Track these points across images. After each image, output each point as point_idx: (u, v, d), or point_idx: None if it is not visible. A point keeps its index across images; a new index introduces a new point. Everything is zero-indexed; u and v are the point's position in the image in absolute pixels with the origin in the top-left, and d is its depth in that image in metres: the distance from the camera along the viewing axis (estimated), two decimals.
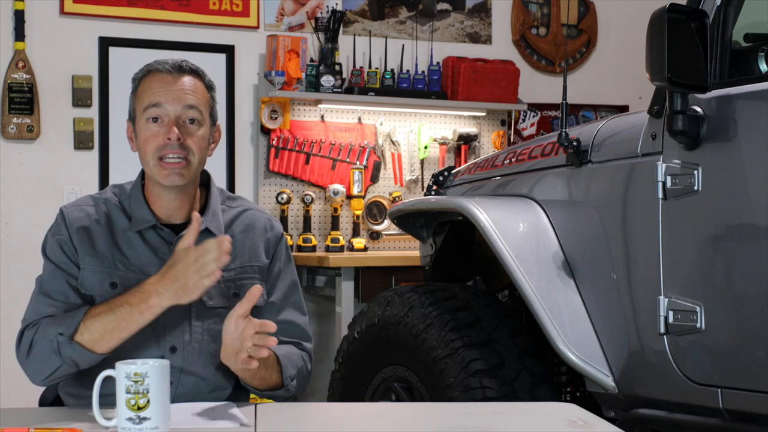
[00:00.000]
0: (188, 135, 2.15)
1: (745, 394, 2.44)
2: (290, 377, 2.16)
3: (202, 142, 2.18)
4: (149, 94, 2.16)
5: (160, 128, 2.15)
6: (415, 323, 3.06)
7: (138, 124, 2.18)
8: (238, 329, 1.99)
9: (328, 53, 5.15)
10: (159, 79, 2.17)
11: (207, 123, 2.20)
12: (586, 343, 2.79)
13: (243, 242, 2.24)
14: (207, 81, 2.23)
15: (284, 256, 2.31)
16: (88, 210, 2.21)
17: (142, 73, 2.21)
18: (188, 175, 2.16)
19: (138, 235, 2.18)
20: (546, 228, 2.98)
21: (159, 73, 2.18)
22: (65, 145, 4.84)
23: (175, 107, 2.15)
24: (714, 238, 2.55)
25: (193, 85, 2.18)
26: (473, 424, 1.96)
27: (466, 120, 5.58)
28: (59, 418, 1.94)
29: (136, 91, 2.21)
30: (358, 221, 5.28)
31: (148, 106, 2.15)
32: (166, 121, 2.15)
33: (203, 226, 2.18)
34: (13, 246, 4.64)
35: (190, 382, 2.16)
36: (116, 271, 2.15)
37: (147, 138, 2.16)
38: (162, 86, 2.16)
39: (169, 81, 2.16)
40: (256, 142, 5.20)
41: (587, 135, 2.95)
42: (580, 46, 5.94)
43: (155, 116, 2.15)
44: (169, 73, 2.17)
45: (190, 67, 2.21)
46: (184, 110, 2.15)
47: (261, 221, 2.29)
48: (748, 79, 2.58)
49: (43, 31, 4.79)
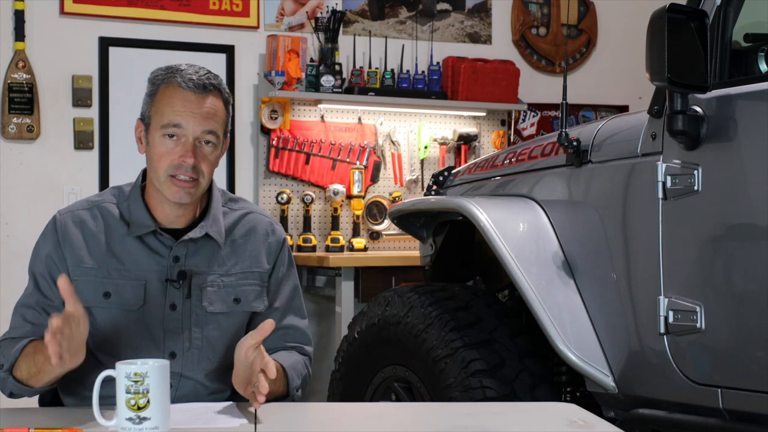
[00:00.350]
0: (204, 158, 2.12)
1: (745, 394, 2.44)
2: (296, 388, 2.16)
3: (214, 163, 2.16)
4: (170, 111, 2.10)
5: (176, 146, 2.11)
6: (415, 323, 3.06)
7: (152, 134, 2.13)
8: (248, 360, 1.97)
9: (328, 53, 5.15)
10: (182, 96, 2.10)
11: (221, 142, 2.16)
12: (586, 343, 2.79)
13: (244, 247, 2.23)
14: (225, 97, 2.17)
15: (287, 261, 2.30)
16: (83, 216, 2.19)
17: (164, 81, 2.14)
18: (196, 194, 2.14)
19: (137, 239, 2.16)
20: (546, 228, 2.98)
21: (182, 90, 2.11)
22: (65, 145, 4.84)
23: (195, 130, 2.10)
24: (714, 238, 2.55)
25: (215, 106, 2.13)
26: (473, 424, 1.96)
27: (466, 120, 5.58)
28: (59, 418, 1.93)
29: (154, 97, 2.14)
30: (358, 221, 5.28)
31: (168, 125, 2.10)
32: (182, 140, 2.10)
33: (203, 232, 2.17)
34: (13, 246, 4.64)
35: (189, 386, 2.16)
36: (110, 280, 2.14)
37: (162, 154, 2.11)
38: (184, 106, 2.10)
39: (192, 101, 2.10)
40: (256, 142, 5.20)
41: (587, 135, 2.95)
42: (580, 46, 5.94)
43: (173, 134, 2.11)
44: (193, 93, 2.10)
45: (213, 84, 2.13)
46: (203, 134, 2.11)
47: (263, 225, 2.27)
48: (748, 79, 2.58)
49: (43, 31, 4.79)
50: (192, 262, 2.17)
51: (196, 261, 2.17)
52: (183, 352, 2.14)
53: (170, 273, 2.15)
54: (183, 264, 2.16)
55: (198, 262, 2.17)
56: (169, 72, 2.14)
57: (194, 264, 2.17)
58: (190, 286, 2.16)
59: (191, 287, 2.16)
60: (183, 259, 2.16)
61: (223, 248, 2.20)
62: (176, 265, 2.15)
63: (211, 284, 2.17)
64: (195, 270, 2.16)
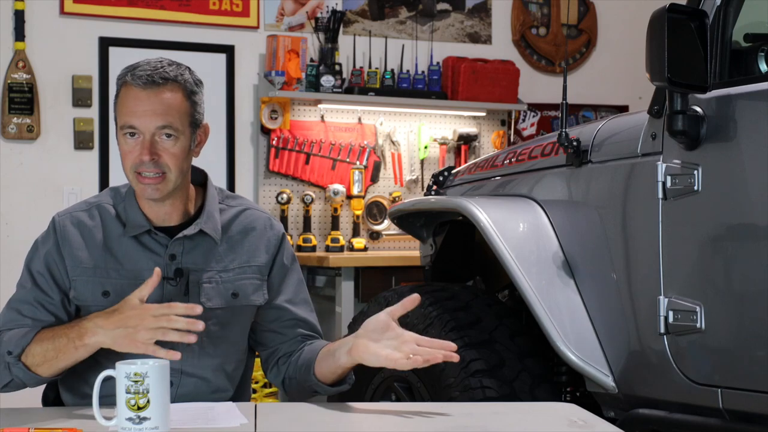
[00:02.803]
0: (163, 151, 2.10)
1: (745, 394, 2.44)
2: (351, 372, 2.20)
3: (180, 155, 2.12)
4: (125, 111, 2.11)
5: (135, 145, 2.10)
6: (415, 323, 3.06)
7: (118, 134, 2.14)
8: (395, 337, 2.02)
9: (328, 53, 5.16)
10: (133, 96, 2.09)
11: (186, 133, 2.13)
12: (586, 343, 2.79)
13: (241, 243, 2.23)
14: (187, 86, 2.13)
15: (289, 255, 2.30)
16: (81, 217, 2.20)
17: (121, 80, 2.14)
18: (165, 189, 2.13)
19: (133, 239, 2.17)
20: (546, 228, 2.98)
21: (134, 89, 2.10)
22: (65, 145, 4.84)
23: (148, 127, 2.09)
24: (714, 238, 2.55)
25: (168, 99, 2.10)
26: (473, 424, 1.96)
27: (466, 120, 5.58)
28: (59, 418, 1.94)
29: (117, 97, 2.15)
30: (358, 221, 5.28)
31: (124, 126, 2.11)
32: (140, 139, 2.10)
33: (197, 229, 2.17)
34: (13, 246, 4.64)
35: (191, 384, 2.16)
36: (108, 280, 2.14)
37: (125, 153, 2.12)
38: (135, 104, 2.09)
39: (142, 98, 2.09)
40: (256, 142, 5.20)
41: (587, 135, 2.95)
42: (580, 46, 5.94)
43: (132, 133, 2.11)
44: (143, 89, 2.09)
45: (166, 76, 2.10)
46: (157, 130, 2.10)
47: (260, 221, 2.27)
48: (748, 79, 2.58)
49: (43, 31, 4.80)
50: (188, 259, 2.17)
51: (192, 258, 2.17)
52: (182, 348, 2.14)
53: (167, 271, 2.15)
54: (179, 262, 2.16)
55: (195, 260, 2.17)
56: (127, 70, 2.14)
57: (191, 261, 2.17)
58: (187, 284, 2.16)
59: (188, 284, 2.16)
60: (179, 257, 2.16)
61: (220, 245, 2.20)
62: (173, 263, 2.16)
63: (209, 280, 2.17)
64: (192, 267, 2.17)
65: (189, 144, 2.15)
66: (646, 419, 2.67)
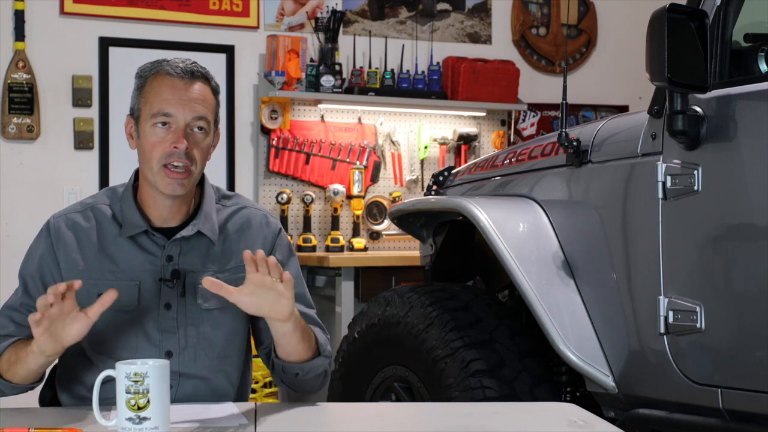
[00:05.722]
0: (195, 144, 2.11)
1: (745, 394, 2.44)
2: (324, 342, 2.14)
3: (207, 151, 2.15)
4: (159, 99, 2.10)
5: (167, 134, 2.10)
6: (415, 323, 3.06)
7: (143, 125, 2.13)
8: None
9: (328, 53, 5.16)
10: (170, 84, 2.11)
11: (212, 131, 2.15)
12: (586, 343, 2.79)
13: (238, 242, 2.21)
14: (214, 85, 2.18)
15: (284, 250, 2.27)
16: (76, 218, 2.18)
17: (151, 72, 2.14)
18: (189, 184, 2.13)
19: (130, 240, 2.15)
20: (546, 228, 2.98)
21: (170, 77, 2.11)
22: (65, 145, 4.84)
23: (185, 116, 2.09)
24: (714, 238, 2.55)
25: (203, 92, 2.13)
26: (473, 424, 1.96)
27: (466, 120, 5.58)
28: (59, 418, 1.93)
29: (143, 89, 2.14)
30: (358, 221, 5.28)
31: (158, 113, 2.10)
32: (174, 128, 2.10)
33: (195, 230, 2.16)
34: (13, 246, 4.63)
35: (189, 386, 2.15)
36: (104, 281, 2.12)
37: (154, 143, 2.10)
38: (173, 93, 2.10)
39: (180, 87, 2.10)
40: (256, 142, 5.20)
41: (587, 135, 2.95)
42: (580, 46, 5.94)
43: (164, 122, 2.10)
44: (181, 79, 2.10)
45: (200, 71, 2.14)
46: (194, 120, 2.10)
47: (257, 219, 2.26)
48: (748, 79, 2.58)
49: (43, 31, 4.79)
50: (185, 260, 2.16)
51: (189, 259, 2.16)
52: (179, 351, 2.13)
53: (164, 272, 2.14)
54: (176, 263, 2.15)
55: (192, 261, 2.16)
56: (156, 63, 2.15)
57: (188, 262, 2.16)
58: (184, 285, 2.15)
59: (185, 286, 2.15)
60: (176, 258, 2.15)
61: (216, 245, 2.19)
62: (170, 264, 2.15)
63: None
64: (189, 268, 2.15)
65: (212, 143, 2.17)
66: (646, 419, 2.67)
